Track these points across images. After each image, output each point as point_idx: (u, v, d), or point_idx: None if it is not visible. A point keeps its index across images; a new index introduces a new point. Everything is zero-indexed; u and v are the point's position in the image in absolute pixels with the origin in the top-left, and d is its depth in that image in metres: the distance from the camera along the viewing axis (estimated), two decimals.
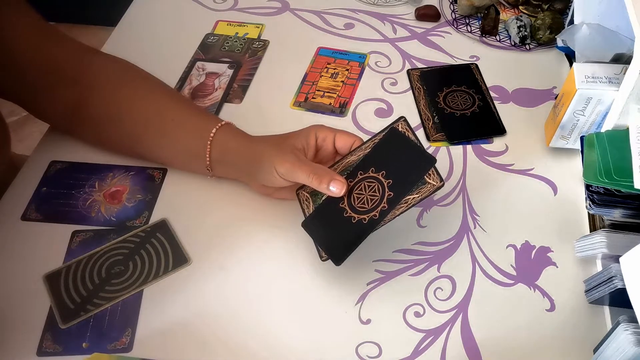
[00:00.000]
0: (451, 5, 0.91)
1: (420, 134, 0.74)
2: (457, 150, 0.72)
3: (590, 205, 0.58)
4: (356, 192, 0.59)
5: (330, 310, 0.58)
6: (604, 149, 0.59)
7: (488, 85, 0.80)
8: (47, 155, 0.71)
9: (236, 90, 0.80)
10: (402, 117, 0.60)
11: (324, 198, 0.61)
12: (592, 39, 0.70)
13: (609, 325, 0.56)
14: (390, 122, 0.61)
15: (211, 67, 0.83)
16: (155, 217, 0.65)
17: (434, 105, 0.77)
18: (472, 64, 0.83)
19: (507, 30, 0.87)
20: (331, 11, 0.92)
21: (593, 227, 0.63)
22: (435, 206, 0.67)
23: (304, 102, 0.78)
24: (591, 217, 0.64)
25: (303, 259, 0.62)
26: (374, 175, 0.59)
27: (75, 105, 0.66)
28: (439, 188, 0.55)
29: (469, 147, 0.73)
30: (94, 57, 0.68)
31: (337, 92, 0.79)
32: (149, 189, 0.68)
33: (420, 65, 0.83)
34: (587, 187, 0.59)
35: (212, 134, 0.63)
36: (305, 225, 0.60)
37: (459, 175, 0.70)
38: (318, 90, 0.80)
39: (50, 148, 0.72)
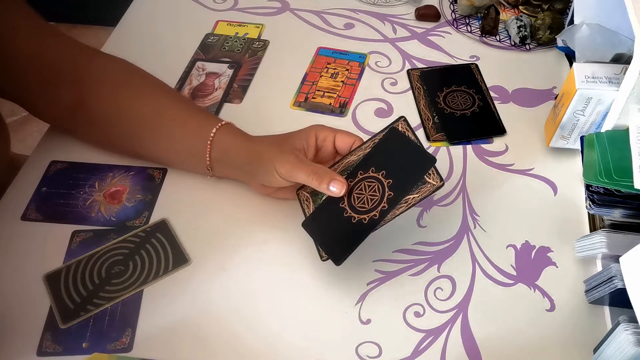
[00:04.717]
0: (451, 5, 0.92)
1: (420, 134, 0.74)
2: (457, 150, 0.72)
3: (590, 205, 0.58)
4: (356, 192, 0.59)
5: (330, 310, 0.58)
6: (604, 149, 0.59)
7: (488, 85, 0.80)
8: (47, 155, 0.71)
9: (236, 90, 0.80)
10: (402, 116, 0.60)
11: (324, 198, 0.61)
12: (592, 39, 0.70)
13: (609, 325, 0.56)
14: (390, 122, 0.61)
15: (211, 67, 0.83)
16: (155, 217, 0.65)
17: (434, 105, 0.77)
18: (472, 64, 0.83)
19: (507, 30, 0.87)
20: (331, 11, 0.92)
21: (593, 227, 0.63)
22: (435, 206, 0.67)
23: (304, 102, 0.78)
24: (591, 217, 0.64)
25: (303, 259, 0.62)
26: (374, 175, 0.59)
27: (75, 105, 0.66)
28: (439, 187, 0.55)
29: (469, 147, 0.73)
30: (94, 57, 0.68)
31: (337, 92, 0.79)
32: (149, 189, 0.68)
33: (420, 65, 0.83)
34: (587, 187, 0.59)
35: (212, 134, 0.63)
36: (306, 225, 0.60)
37: (459, 175, 0.70)
38: (318, 90, 0.80)
39: (50, 148, 0.72)
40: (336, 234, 0.58)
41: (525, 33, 0.84)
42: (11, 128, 0.75)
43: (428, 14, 0.89)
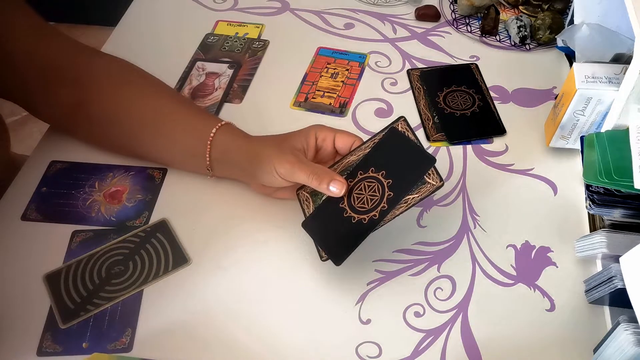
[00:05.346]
0: (451, 5, 0.91)
1: (420, 134, 0.74)
2: (457, 150, 0.72)
3: (590, 205, 0.58)
4: (356, 192, 0.59)
5: (330, 310, 0.58)
6: (604, 149, 0.59)
7: (488, 85, 0.80)
8: (47, 155, 0.71)
9: (236, 90, 0.80)
10: (401, 116, 0.60)
11: (324, 198, 0.61)
12: (592, 39, 0.70)
13: (609, 325, 0.56)
14: (390, 122, 0.61)
15: (211, 67, 0.83)
16: (155, 217, 0.65)
17: (434, 105, 0.77)
18: (472, 64, 0.83)
19: (507, 30, 0.87)
20: (331, 11, 0.92)
21: (593, 227, 0.63)
22: (435, 206, 0.67)
23: (304, 102, 0.78)
24: (591, 217, 0.64)
25: (303, 259, 0.62)
26: (374, 175, 0.59)
27: (75, 105, 0.66)
28: (438, 188, 0.55)
29: (469, 147, 0.73)
30: (94, 57, 0.68)
31: (337, 92, 0.79)
32: (149, 189, 0.68)
33: (420, 65, 0.83)
34: (587, 187, 0.59)
35: (212, 134, 0.63)
36: (305, 225, 0.60)
37: (459, 175, 0.70)
38: (318, 90, 0.80)
39: (50, 148, 0.72)
40: (336, 234, 0.58)
41: (525, 33, 0.84)
42: (11, 128, 0.75)
43: (428, 14, 0.89)
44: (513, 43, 0.86)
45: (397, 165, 0.58)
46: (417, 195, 0.56)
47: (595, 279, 0.56)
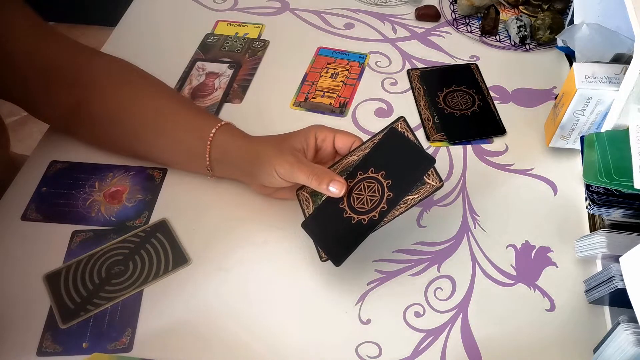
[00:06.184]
0: (451, 5, 0.91)
1: (420, 134, 0.74)
2: (457, 150, 0.72)
3: (590, 205, 0.58)
4: (356, 192, 0.59)
5: (330, 310, 0.58)
6: (604, 149, 0.59)
7: (488, 85, 0.80)
8: (47, 155, 0.71)
9: (236, 90, 0.80)
10: (401, 117, 0.60)
11: (323, 198, 0.61)
12: (592, 39, 0.70)
13: (609, 325, 0.56)
14: (389, 122, 0.61)
15: (211, 67, 0.83)
16: (155, 217, 0.65)
17: (434, 105, 0.77)
18: (472, 64, 0.83)
19: (507, 30, 0.87)
20: (331, 11, 0.92)
21: (593, 227, 0.63)
22: (435, 206, 0.67)
23: (304, 102, 0.78)
24: (591, 217, 0.64)
25: (303, 259, 0.62)
26: (374, 175, 0.59)
27: (75, 106, 0.66)
28: (438, 188, 0.55)
29: (469, 147, 0.73)
30: (93, 57, 0.68)
31: (337, 92, 0.79)
32: (149, 189, 0.68)
33: (420, 65, 0.83)
34: (587, 187, 0.59)
35: (211, 135, 0.63)
36: (305, 225, 0.60)
37: (459, 175, 0.70)
38: (318, 90, 0.80)
39: (50, 148, 0.72)
40: (336, 234, 0.58)
41: (525, 33, 0.84)
42: (11, 128, 0.75)
43: (428, 14, 0.89)
44: (513, 43, 0.86)
45: (396, 165, 0.58)
46: (417, 196, 0.56)
47: (595, 279, 0.56)
